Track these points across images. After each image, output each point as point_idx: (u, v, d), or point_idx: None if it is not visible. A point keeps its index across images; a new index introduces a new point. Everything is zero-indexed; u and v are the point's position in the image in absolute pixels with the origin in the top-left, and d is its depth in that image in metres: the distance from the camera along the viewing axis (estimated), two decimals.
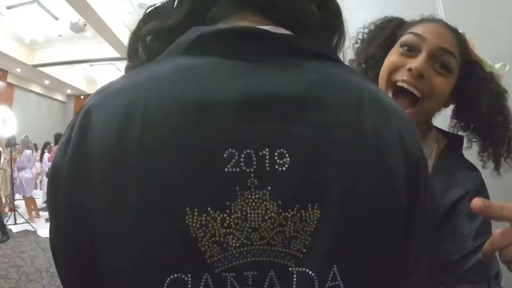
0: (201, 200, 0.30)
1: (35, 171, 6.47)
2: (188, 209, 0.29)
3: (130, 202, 0.30)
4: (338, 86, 0.35)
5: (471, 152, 0.76)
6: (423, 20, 0.74)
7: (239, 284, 0.30)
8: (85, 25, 7.08)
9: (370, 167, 0.33)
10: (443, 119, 0.81)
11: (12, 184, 5.54)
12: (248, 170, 0.30)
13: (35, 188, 6.61)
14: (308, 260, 0.31)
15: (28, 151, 5.86)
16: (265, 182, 0.30)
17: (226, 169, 0.30)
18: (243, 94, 0.32)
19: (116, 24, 7.03)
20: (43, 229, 5.22)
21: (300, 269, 0.31)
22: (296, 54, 0.36)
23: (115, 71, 10.85)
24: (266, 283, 0.31)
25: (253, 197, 0.30)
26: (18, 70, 9.61)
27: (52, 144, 6.59)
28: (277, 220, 0.30)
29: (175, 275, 0.29)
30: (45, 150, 7.02)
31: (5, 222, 4.85)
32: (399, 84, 0.68)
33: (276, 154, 0.31)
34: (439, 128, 0.79)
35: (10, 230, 4.94)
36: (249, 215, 0.30)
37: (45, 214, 6.19)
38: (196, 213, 0.29)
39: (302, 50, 0.37)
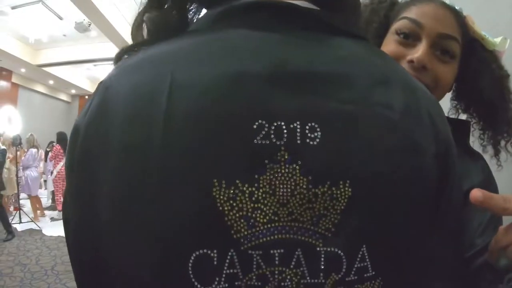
0: (229, 172, 0.28)
1: (39, 170, 6.54)
2: (215, 180, 0.28)
3: (154, 172, 0.28)
4: (366, 64, 0.35)
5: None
6: (416, 1, 0.68)
7: (266, 264, 0.29)
8: (89, 24, 7.13)
9: (401, 146, 0.32)
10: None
11: (18, 183, 5.59)
12: (278, 142, 0.29)
13: (40, 187, 6.67)
14: (337, 239, 0.30)
15: (33, 150, 5.92)
16: (296, 156, 0.29)
17: (255, 141, 0.28)
18: (272, 66, 0.31)
19: (120, 24, 7.06)
20: (48, 228, 5.31)
21: (329, 249, 0.30)
22: (324, 29, 0.35)
23: None
24: (293, 263, 0.29)
25: (283, 171, 0.29)
26: (23, 70, 9.72)
27: (55, 143, 6.63)
28: (307, 196, 0.29)
29: (201, 251, 0.28)
30: (47, 149, 7.08)
31: (10, 221, 4.88)
32: None
33: (307, 127, 0.29)
34: (449, 118, 0.74)
35: (15, 228, 4.98)
36: (277, 190, 0.29)
37: (50, 213, 6.28)
38: (223, 185, 0.28)
39: (330, 26, 0.36)
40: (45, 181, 6.81)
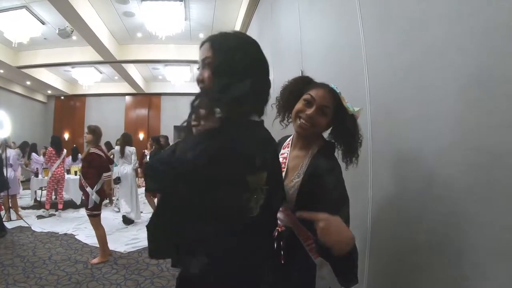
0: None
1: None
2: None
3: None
4: (263, 135, 1.03)
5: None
6: (317, 85, 1.32)
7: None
8: (72, 31, 7.35)
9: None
10: None
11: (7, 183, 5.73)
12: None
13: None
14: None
15: None
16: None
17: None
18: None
19: (101, 31, 7.37)
20: (36, 225, 5.55)
21: None
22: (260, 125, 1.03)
23: (96, 73, 11.07)
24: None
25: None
26: (1, 71, 9.71)
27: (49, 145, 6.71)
28: None
29: None
30: (32, 151, 7.23)
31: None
32: (301, 120, 1.29)
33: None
34: (326, 140, 1.36)
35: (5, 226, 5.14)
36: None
37: (35, 212, 6.49)
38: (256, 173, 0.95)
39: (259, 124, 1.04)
40: (22, 181, 6.86)
